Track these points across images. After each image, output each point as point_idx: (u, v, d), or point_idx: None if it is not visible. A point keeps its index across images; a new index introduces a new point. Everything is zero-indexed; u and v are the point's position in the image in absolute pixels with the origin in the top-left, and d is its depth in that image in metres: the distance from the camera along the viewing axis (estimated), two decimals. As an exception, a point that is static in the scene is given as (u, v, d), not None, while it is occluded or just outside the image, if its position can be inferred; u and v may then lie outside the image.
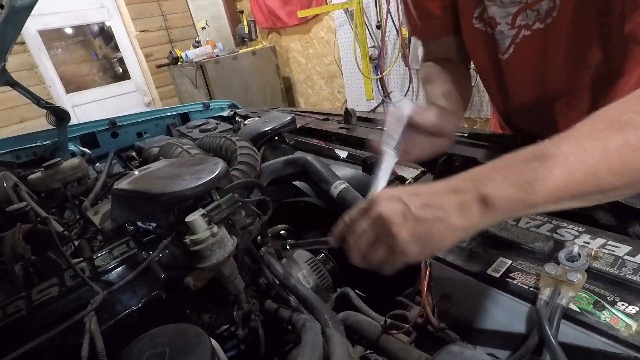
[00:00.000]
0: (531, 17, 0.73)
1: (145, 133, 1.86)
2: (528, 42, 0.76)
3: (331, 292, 0.86)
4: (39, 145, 1.62)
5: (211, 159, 0.81)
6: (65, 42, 4.51)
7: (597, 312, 0.44)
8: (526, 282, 0.51)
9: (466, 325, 0.58)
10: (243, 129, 1.36)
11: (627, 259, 0.49)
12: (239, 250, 0.74)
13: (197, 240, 0.63)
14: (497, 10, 0.76)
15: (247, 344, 0.79)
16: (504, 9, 0.75)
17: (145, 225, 0.87)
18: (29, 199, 1.11)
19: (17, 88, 1.37)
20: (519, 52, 0.79)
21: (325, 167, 0.97)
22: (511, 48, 0.79)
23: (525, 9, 0.72)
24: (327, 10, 3.84)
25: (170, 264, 0.75)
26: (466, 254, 0.58)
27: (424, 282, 0.59)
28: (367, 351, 0.70)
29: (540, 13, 0.71)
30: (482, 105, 3.00)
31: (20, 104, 3.74)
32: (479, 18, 0.81)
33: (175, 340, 0.53)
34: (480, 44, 0.84)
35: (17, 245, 0.78)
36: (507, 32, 0.77)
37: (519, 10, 0.73)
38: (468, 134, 1.01)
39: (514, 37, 0.77)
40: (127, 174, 0.86)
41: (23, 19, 0.97)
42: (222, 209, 0.67)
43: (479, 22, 0.81)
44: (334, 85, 4.40)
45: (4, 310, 0.67)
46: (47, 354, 0.60)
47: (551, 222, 0.60)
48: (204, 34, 4.93)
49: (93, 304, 0.63)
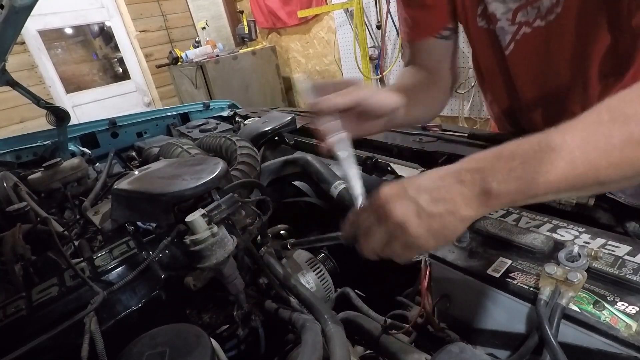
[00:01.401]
0: (532, 15, 0.73)
1: (145, 133, 1.86)
2: (528, 39, 0.76)
3: (331, 292, 0.86)
4: (39, 145, 1.62)
5: (211, 159, 0.81)
6: (65, 42, 4.52)
7: (597, 312, 0.44)
8: (526, 282, 0.51)
9: (466, 325, 0.58)
10: (243, 129, 1.36)
11: (627, 259, 0.49)
12: (239, 250, 0.74)
13: (197, 240, 0.63)
14: (497, 7, 0.76)
15: (247, 344, 0.79)
16: (505, 5, 0.75)
17: (145, 225, 0.87)
18: (29, 199, 1.11)
19: (17, 88, 1.37)
20: (519, 49, 0.79)
21: (325, 167, 0.97)
22: (511, 45, 0.79)
23: (526, 5, 0.72)
24: (327, 10, 3.84)
25: (170, 264, 0.75)
26: (466, 254, 0.58)
27: (424, 282, 0.59)
28: (367, 351, 0.70)
29: (541, 10, 0.71)
30: (482, 105, 3.00)
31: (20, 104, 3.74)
32: (482, 15, 0.81)
33: (175, 340, 0.53)
34: (484, 41, 0.84)
35: (17, 245, 0.78)
36: (508, 29, 0.77)
37: (520, 7, 0.73)
38: (468, 134, 1.01)
39: (514, 34, 0.77)
40: (127, 174, 0.86)
41: (23, 19, 0.97)
42: (222, 209, 0.67)
43: (482, 20, 0.81)
44: (334, 85, 4.40)
45: (4, 310, 0.67)
46: (47, 354, 0.60)
47: (551, 222, 0.60)
48: (204, 34, 4.94)
49: (93, 304, 0.63)
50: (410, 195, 0.45)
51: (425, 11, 0.84)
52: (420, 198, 0.45)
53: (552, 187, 0.40)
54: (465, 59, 2.92)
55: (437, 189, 0.45)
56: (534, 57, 0.78)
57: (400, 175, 0.90)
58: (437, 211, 0.44)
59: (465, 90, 3.00)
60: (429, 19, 0.85)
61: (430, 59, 0.88)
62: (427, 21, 0.85)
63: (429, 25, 0.86)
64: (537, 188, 0.40)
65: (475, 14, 0.81)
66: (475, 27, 0.83)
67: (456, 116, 3.21)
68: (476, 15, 0.81)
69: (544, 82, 0.81)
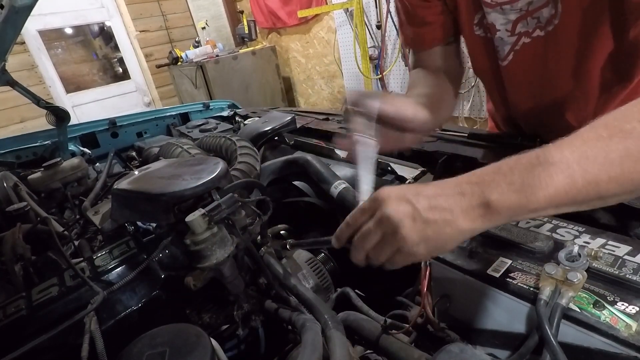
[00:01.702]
0: (532, 25, 0.72)
1: (145, 133, 1.85)
2: (528, 49, 0.75)
3: (331, 292, 0.86)
4: (39, 145, 1.62)
5: (211, 159, 0.81)
6: (65, 42, 4.52)
7: (597, 312, 0.44)
8: (526, 282, 0.51)
9: (466, 325, 0.58)
10: (243, 129, 1.36)
11: (627, 259, 0.49)
12: (239, 250, 0.74)
13: (197, 240, 0.63)
14: (497, 17, 0.75)
15: (247, 344, 0.79)
16: (504, 16, 0.74)
17: (145, 225, 0.87)
18: (29, 199, 1.11)
19: (17, 88, 1.37)
20: (518, 59, 0.78)
21: (325, 167, 0.97)
22: (510, 55, 0.79)
23: (526, 16, 0.72)
24: (327, 10, 3.84)
25: (170, 264, 0.75)
26: (466, 254, 0.58)
27: (424, 282, 0.59)
28: (367, 351, 0.70)
29: (541, 21, 0.71)
30: (482, 105, 3.00)
31: (20, 104, 3.74)
32: (479, 24, 0.80)
33: (175, 340, 0.53)
34: (480, 49, 0.84)
35: (17, 245, 0.78)
36: (507, 39, 0.77)
37: (520, 18, 0.72)
38: (468, 134, 1.01)
39: (513, 45, 0.77)
40: (127, 174, 0.86)
41: (23, 19, 0.97)
42: (222, 209, 0.67)
43: (479, 29, 0.81)
44: (334, 85, 4.40)
45: (4, 310, 0.67)
46: (47, 354, 0.60)
47: (551, 222, 0.60)
48: (204, 34, 4.94)
49: (93, 304, 0.63)
50: (409, 199, 0.45)
51: (427, 27, 0.84)
52: (418, 202, 0.44)
53: (552, 201, 0.41)
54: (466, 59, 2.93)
55: (436, 197, 0.45)
56: (532, 67, 0.78)
57: (401, 175, 0.90)
58: (434, 218, 0.44)
59: (465, 90, 3.00)
60: (431, 34, 0.85)
61: (436, 62, 0.87)
62: (431, 36, 0.86)
63: (433, 39, 0.86)
64: (537, 202, 0.41)
65: (472, 22, 0.81)
66: (472, 34, 0.82)
67: (456, 116, 3.22)
68: (473, 23, 0.81)
69: (540, 92, 0.81)
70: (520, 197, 0.41)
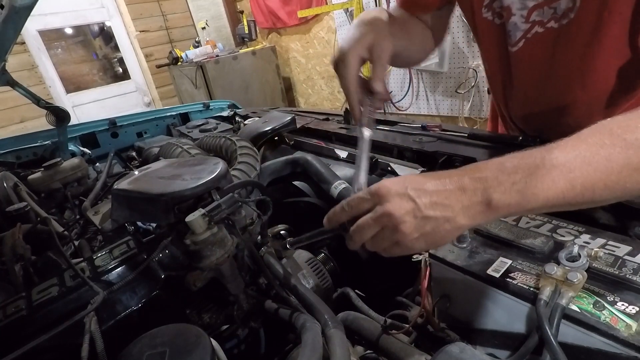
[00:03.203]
0: (547, 15, 0.72)
1: (145, 133, 1.86)
2: (539, 39, 0.75)
3: (331, 292, 0.86)
4: (39, 145, 1.62)
5: (211, 159, 0.81)
6: (65, 42, 4.52)
7: (597, 312, 0.44)
8: (526, 282, 0.51)
9: (466, 325, 0.58)
10: (243, 129, 1.36)
11: (627, 259, 0.49)
12: (239, 250, 0.74)
13: (197, 240, 0.63)
14: (514, 1, 0.74)
15: (247, 344, 0.79)
16: (522, 1, 0.73)
17: (145, 225, 0.87)
18: (29, 199, 1.11)
19: (17, 88, 1.37)
20: (528, 47, 0.78)
21: (325, 167, 0.97)
22: (521, 42, 0.78)
23: (543, 5, 0.71)
24: (327, 10, 3.84)
25: (170, 264, 0.75)
26: (466, 254, 0.58)
27: (424, 282, 0.59)
28: (367, 351, 0.70)
29: (557, 12, 0.70)
30: (482, 105, 3.00)
31: (20, 104, 3.75)
32: (488, 7, 0.80)
33: (175, 340, 0.53)
34: (488, 33, 0.83)
35: (17, 245, 0.78)
36: (520, 25, 0.76)
37: (537, 6, 0.72)
38: (468, 134, 1.00)
39: (525, 32, 0.76)
40: (127, 174, 0.86)
41: (23, 19, 0.97)
42: (222, 209, 0.67)
43: (488, 11, 0.80)
44: (334, 85, 4.40)
45: (4, 310, 0.67)
46: (47, 354, 0.60)
47: (551, 222, 0.60)
48: (204, 34, 4.94)
49: (93, 304, 0.63)
50: (411, 194, 0.45)
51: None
52: (419, 199, 0.45)
53: (549, 203, 0.42)
54: (465, 59, 2.93)
55: (437, 193, 0.45)
56: (541, 58, 0.77)
57: (401, 175, 0.90)
58: (434, 215, 0.44)
59: (465, 90, 3.00)
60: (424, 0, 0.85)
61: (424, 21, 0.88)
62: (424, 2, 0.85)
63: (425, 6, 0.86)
64: (535, 202, 0.42)
65: (481, 3, 0.80)
66: (480, 16, 0.82)
67: (456, 116, 3.21)
68: (483, 5, 0.80)
69: (546, 85, 0.80)
70: (520, 198, 0.42)
